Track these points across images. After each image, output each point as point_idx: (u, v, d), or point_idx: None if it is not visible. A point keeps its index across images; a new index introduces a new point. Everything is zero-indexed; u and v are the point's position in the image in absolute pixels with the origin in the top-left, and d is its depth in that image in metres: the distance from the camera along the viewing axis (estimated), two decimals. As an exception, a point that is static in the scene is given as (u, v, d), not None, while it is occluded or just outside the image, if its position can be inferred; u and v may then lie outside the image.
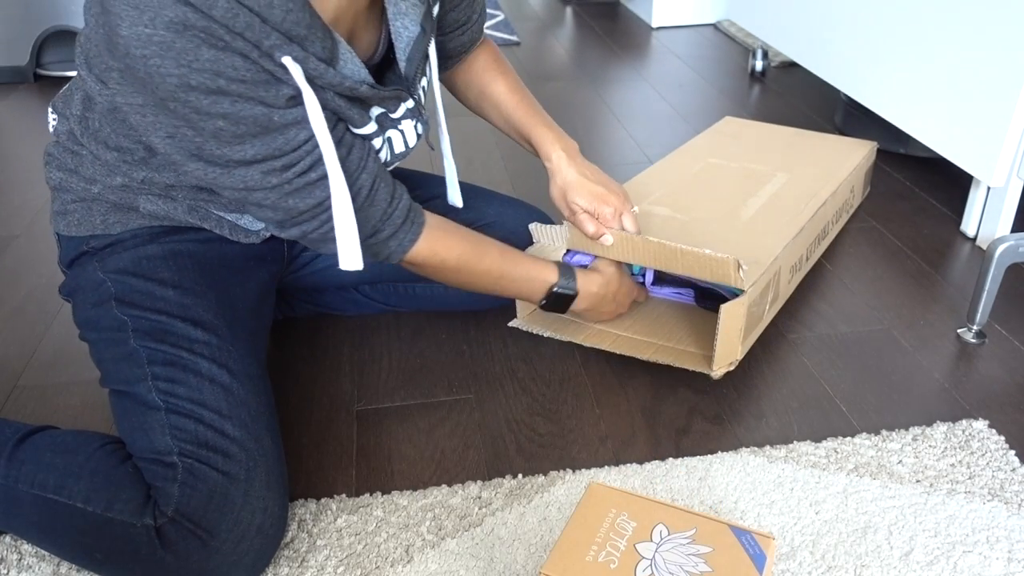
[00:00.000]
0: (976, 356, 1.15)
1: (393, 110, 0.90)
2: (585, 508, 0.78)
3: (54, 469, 0.82)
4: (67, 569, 0.86)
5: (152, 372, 0.86)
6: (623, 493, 0.80)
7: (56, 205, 0.95)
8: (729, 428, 1.03)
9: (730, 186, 1.31)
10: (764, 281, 1.06)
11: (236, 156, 0.76)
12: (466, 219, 1.15)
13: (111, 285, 0.91)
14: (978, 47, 1.30)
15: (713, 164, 1.40)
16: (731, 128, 1.59)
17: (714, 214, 1.21)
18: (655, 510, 0.78)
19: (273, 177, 0.78)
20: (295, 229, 0.84)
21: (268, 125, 0.75)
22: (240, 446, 0.83)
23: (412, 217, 0.91)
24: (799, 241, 1.18)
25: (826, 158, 1.43)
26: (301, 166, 0.79)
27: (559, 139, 1.07)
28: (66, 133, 0.92)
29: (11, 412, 1.09)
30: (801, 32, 1.83)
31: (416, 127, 0.95)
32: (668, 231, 1.15)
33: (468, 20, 1.04)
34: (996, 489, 0.93)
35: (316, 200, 0.82)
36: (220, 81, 0.71)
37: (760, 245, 1.12)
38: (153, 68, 0.69)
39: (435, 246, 0.93)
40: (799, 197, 1.27)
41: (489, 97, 1.11)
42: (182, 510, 0.78)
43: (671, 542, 0.75)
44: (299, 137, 0.78)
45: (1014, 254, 1.12)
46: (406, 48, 0.87)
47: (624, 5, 2.91)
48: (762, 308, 1.10)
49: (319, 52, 0.76)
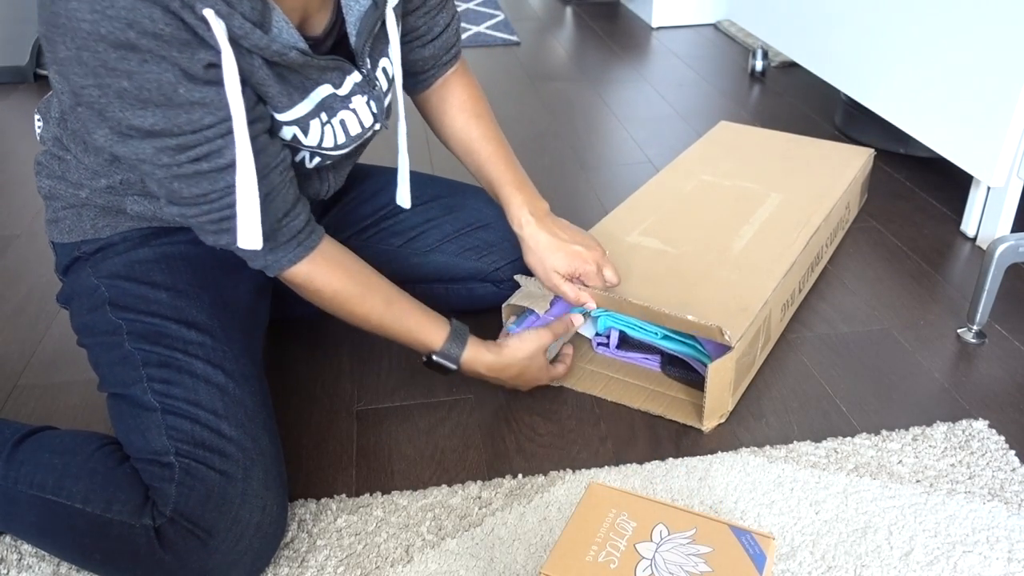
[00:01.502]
0: (976, 356, 1.15)
1: (338, 84, 0.87)
2: (585, 508, 0.78)
3: (53, 470, 0.82)
4: (67, 569, 0.86)
5: (147, 374, 0.86)
6: (623, 493, 0.80)
7: (48, 213, 0.97)
8: (729, 428, 1.03)
9: (722, 211, 1.28)
10: (753, 330, 1.04)
11: (136, 122, 0.73)
12: (464, 220, 1.15)
13: (105, 290, 0.91)
14: (978, 47, 1.30)
15: (706, 182, 1.37)
16: (726, 136, 1.56)
17: (705, 245, 1.19)
18: (655, 510, 0.78)
19: (165, 156, 0.75)
20: (175, 208, 0.81)
21: (173, 97, 0.72)
22: (237, 445, 0.83)
23: (301, 239, 0.87)
24: (791, 277, 1.15)
25: (822, 172, 1.40)
26: (196, 152, 0.76)
27: (527, 201, 1.04)
28: (52, 139, 0.93)
29: (11, 412, 1.09)
30: (801, 32, 1.83)
31: (370, 104, 0.92)
32: (658, 268, 1.13)
33: (428, 32, 1.01)
34: (996, 489, 0.93)
35: (201, 191, 0.78)
36: (131, 33, 0.68)
37: (751, 285, 1.09)
38: (71, 11, 0.67)
39: (313, 275, 0.89)
40: (792, 224, 1.24)
41: (462, 142, 1.08)
42: (180, 510, 0.78)
43: (671, 542, 0.75)
44: (203, 120, 0.75)
45: (1014, 254, 1.12)
46: (356, 22, 0.84)
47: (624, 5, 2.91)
48: (752, 355, 1.08)
49: (247, 12, 0.72)
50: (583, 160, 1.75)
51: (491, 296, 1.16)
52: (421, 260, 1.15)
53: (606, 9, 2.89)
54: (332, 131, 0.89)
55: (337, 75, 0.86)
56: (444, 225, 1.15)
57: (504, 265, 1.15)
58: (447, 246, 1.15)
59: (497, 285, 1.17)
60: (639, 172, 1.70)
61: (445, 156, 1.78)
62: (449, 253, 1.15)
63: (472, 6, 2.92)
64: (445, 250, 1.15)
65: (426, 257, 1.15)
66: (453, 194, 1.17)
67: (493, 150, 1.06)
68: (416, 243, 1.15)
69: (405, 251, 1.15)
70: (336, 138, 0.90)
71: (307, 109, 0.85)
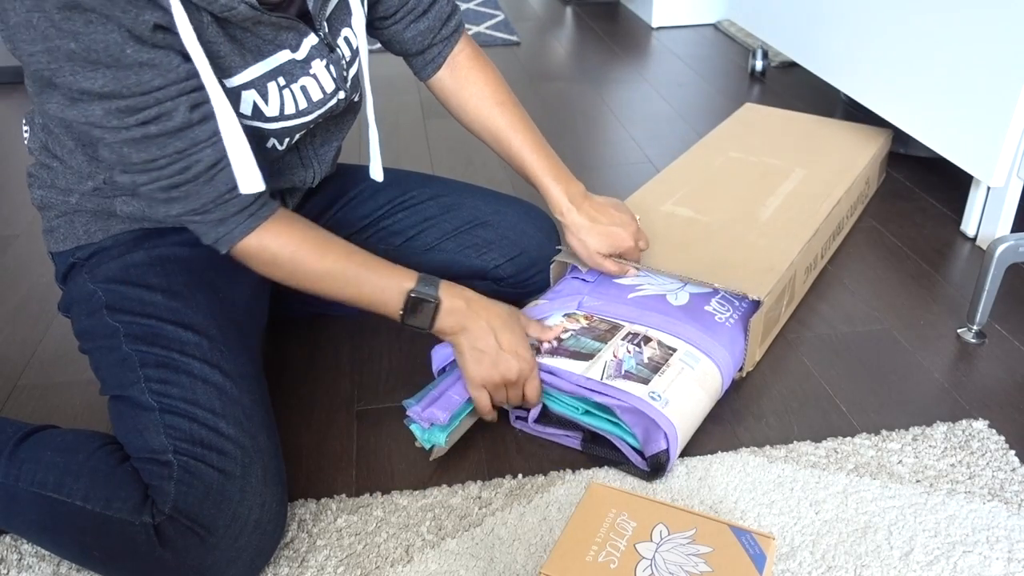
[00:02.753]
0: (976, 356, 1.15)
1: (295, 47, 0.86)
2: (585, 508, 0.78)
3: (54, 468, 0.82)
4: (67, 569, 0.86)
5: (145, 375, 0.86)
6: (623, 493, 0.80)
7: (43, 224, 0.98)
8: (729, 428, 1.03)
9: (749, 184, 1.38)
10: (780, 287, 1.12)
11: (86, 84, 0.73)
12: (463, 219, 1.15)
13: (101, 294, 0.92)
14: (978, 47, 1.30)
15: (733, 159, 1.48)
16: (751, 116, 1.67)
17: (734, 215, 1.28)
18: (655, 510, 0.78)
19: (114, 118, 0.75)
20: (127, 177, 0.81)
21: (121, 58, 0.72)
22: (235, 443, 0.83)
23: (252, 210, 0.85)
24: (814, 242, 1.24)
25: (842, 149, 1.50)
26: (144, 115, 0.76)
27: (564, 190, 1.07)
28: (39, 148, 0.93)
29: (11, 412, 1.09)
30: (801, 32, 1.83)
31: (329, 69, 0.91)
32: (692, 234, 1.23)
33: (418, 4, 1.00)
34: (996, 489, 0.93)
35: (150, 155, 0.78)
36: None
37: (777, 248, 1.18)
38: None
39: (267, 241, 0.86)
40: (815, 196, 1.34)
41: (489, 132, 1.09)
42: (179, 507, 0.78)
43: (671, 542, 0.75)
44: (153, 82, 0.74)
45: (1014, 254, 1.12)
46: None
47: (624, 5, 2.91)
48: (778, 311, 1.16)
49: None
50: (583, 160, 1.75)
51: (491, 294, 1.16)
52: (421, 259, 1.15)
53: (606, 9, 2.89)
54: (292, 96, 0.88)
55: (293, 36, 0.85)
56: (443, 223, 1.15)
57: (504, 262, 1.15)
58: (446, 244, 1.15)
59: (497, 283, 1.17)
60: (639, 172, 1.70)
61: (445, 156, 1.78)
62: (449, 251, 1.15)
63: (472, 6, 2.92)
64: (445, 248, 1.15)
65: (426, 256, 1.15)
66: (451, 192, 1.18)
67: (522, 139, 1.08)
68: (415, 242, 1.15)
69: (405, 250, 1.15)
70: (298, 103, 0.89)
71: (263, 71, 0.84)
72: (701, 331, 1.05)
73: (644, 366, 0.98)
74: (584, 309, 1.09)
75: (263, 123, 0.88)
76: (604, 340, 1.02)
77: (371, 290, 0.91)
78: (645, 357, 1.00)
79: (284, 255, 0.87)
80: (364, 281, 0.91)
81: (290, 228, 0.88)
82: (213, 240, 0.86)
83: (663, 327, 1.05)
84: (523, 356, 0.94)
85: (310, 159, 0.99)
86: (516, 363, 0.93)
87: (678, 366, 0.99)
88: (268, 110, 0.87)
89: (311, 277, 0.89)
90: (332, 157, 1.05)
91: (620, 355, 1.00)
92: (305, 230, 0.89)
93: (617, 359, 0.99)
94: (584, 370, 0.97)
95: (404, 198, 1.16)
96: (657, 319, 1.07)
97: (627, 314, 1.08)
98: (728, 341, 1.06)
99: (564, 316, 1.07)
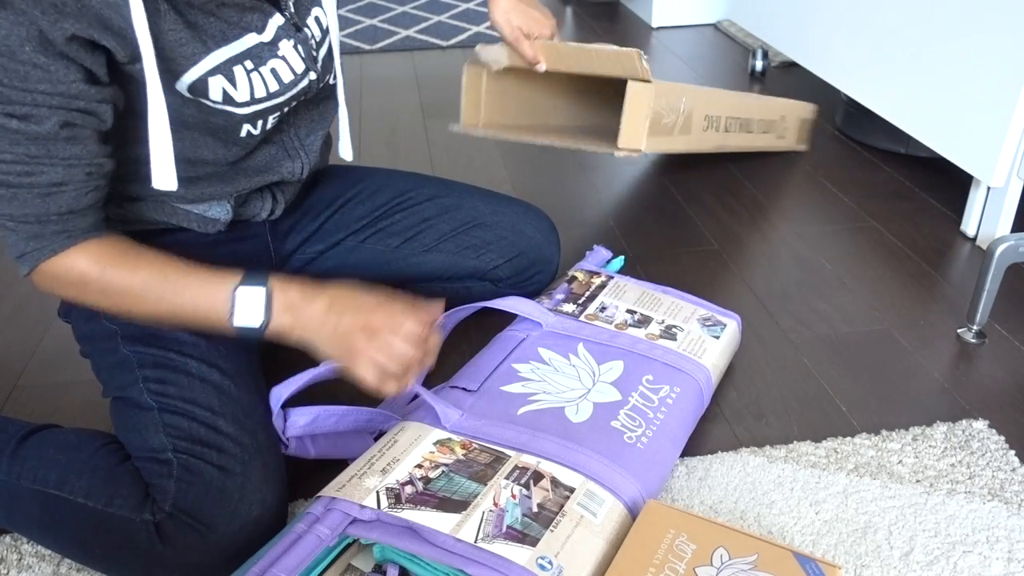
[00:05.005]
0: (976, 356, 1.15)
1: (261, 29, 0.83)
2: (642, 527, 0.75)
3: (56, 465, 0.83)
4: (67, 569, 0.86)
5: (143, 375, 0.87)
6: (682, 513, 0.77)
7: None
8: (729, 428, 1.03)
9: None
10: (673, 95, 1.19)
11: None
12: (460, 219, 1.15)
13: None
14: (978, 47, 1.30)
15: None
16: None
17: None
18: (715, 532, 0.74)
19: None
20: None
21: (16, 52, 0.70)
22: (234, 441, 0.83)
23: (71, 231, 0.80)
24: (715, 99, 1.33)
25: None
26: (14, 109, 0.72)
27: None
28: None
29: (11, 411, 1.09)
30: (801, 32, 1.83)
31: (298, 49, 0.87)
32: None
33: None
34: (996, 489, 0.93)
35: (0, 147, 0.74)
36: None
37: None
38: None
39: (72, 258, 0.80)
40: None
41: None
42: (179, 505, 0.78)
43: (732, 567, 0.72)
44: (39, 86, 0.72)
45: (1014, 254, 1.12)
46: None
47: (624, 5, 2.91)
48: (671, 121, 1.22)
49: None
50: (583, 160, 1.75)
51: (489, 294, 1.16)
52: (419, 260, 1.15)
53: (606, 9, 2.89)
54: (262, 78, 0.85)
55: (258, 17, 0.82)
56: (441, 224, 1.15)
57: (502, 263, 1.15)
58: (444, 245, 1.15)
59: (495, 283, 1.17)
60: (639, 172, 1.70)
61: (445, 156, 1.78)
62: (447, 252, 1.15)
63: (472, 6, 2.92)
64: (443, 249, 1.15)
65: (424, 256, 1.15)
66: (450, 193, 1.18)
67: None
68: (413, 243, 1.15)
69: (403, 251, 1.15)
70: (268, 86, 0.86)
71: (227, 55, 0.81)
72: (606, 460, 0.86)
73: (532, 517, 0.78)
74: (462, 431, 0.89)
75: (234, 108, 0.85)
76: (483, 480, 0.81)
77: (193, 295, 0.83)
78: (534, 504, 0.79)
79: (93, 273, 0.81)
80: (184, 287, 0.83)
81: (100, 246, 0.82)
82: (19, 254, 0.80)
83: (559, 456, 0.85)
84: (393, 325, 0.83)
85: (296, 149, 0.98)
86: (397, 344, 0.83)
87: (575, 515, 0.79)
88: (238, 95, 0.84)
89: (127, 294, 0.82)
90: (319, 147, 1.02)
91: (502, 502, 0.79)
92: (118, 245, 0.83)
93: (498, 508, 0.78)
94: (454, 527, 0.76)
95: (402, 199, 1.16)
96: (552, 446, 0.87)
97: (515, 439, 0.88)
98: (641, 468, 0.87)
99: (436, 444, 0.86)
